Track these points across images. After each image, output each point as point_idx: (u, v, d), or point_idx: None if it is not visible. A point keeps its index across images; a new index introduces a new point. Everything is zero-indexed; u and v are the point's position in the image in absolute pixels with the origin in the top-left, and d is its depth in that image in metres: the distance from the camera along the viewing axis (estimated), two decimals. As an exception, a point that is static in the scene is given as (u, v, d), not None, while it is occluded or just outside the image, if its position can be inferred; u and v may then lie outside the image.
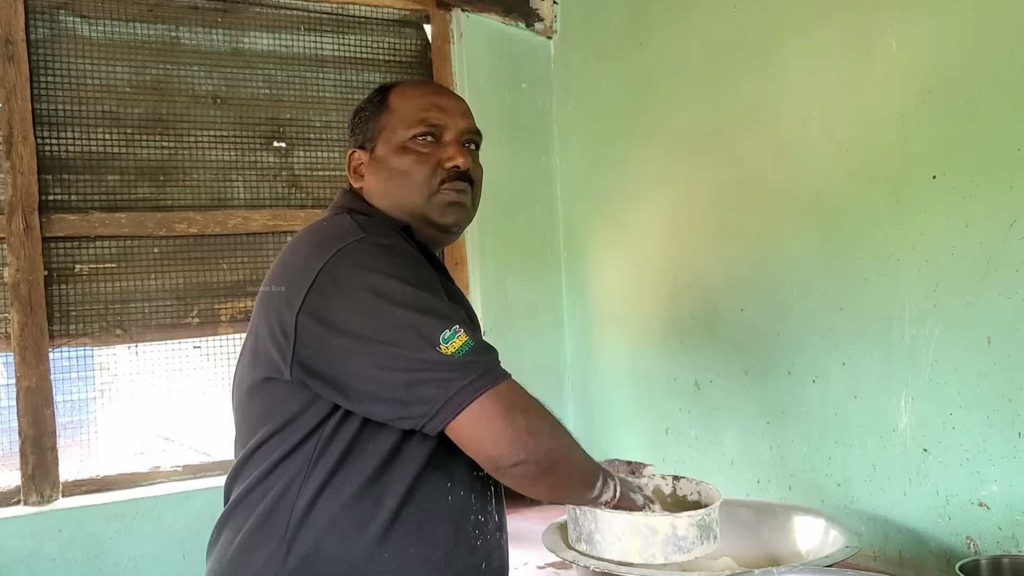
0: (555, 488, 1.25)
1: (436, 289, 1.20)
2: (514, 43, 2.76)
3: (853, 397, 1.81)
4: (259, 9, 2.49)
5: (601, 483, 1.28)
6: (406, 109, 1.37)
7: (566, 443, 1.22)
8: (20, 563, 2.04)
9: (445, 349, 1.12)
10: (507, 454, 1.13)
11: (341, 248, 1.19)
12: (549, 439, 1.18)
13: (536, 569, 1.88)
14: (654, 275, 2.39)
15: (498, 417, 1.12)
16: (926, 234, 1.65)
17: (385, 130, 1.37)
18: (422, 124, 1.35)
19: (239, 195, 2.44)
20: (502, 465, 1.14)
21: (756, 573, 1.26)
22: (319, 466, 1.19)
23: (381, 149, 1.37)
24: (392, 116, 1.37)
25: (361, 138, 1.40)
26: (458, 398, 1.11)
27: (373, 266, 1.18)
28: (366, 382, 1.15)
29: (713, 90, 2.16)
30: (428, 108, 1.36)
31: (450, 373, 1.12)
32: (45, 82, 2.22)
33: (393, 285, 1.16)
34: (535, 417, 1.17)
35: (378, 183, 1.36)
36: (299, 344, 1.18)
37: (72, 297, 2.23)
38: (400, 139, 1.35)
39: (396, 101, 1.38)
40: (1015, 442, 1.51)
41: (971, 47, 1.56)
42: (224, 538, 1.25)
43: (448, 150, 1.35)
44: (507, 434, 1.13)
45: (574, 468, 1.25)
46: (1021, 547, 1.50)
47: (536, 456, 1.15)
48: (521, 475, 1.16)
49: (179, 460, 2.39)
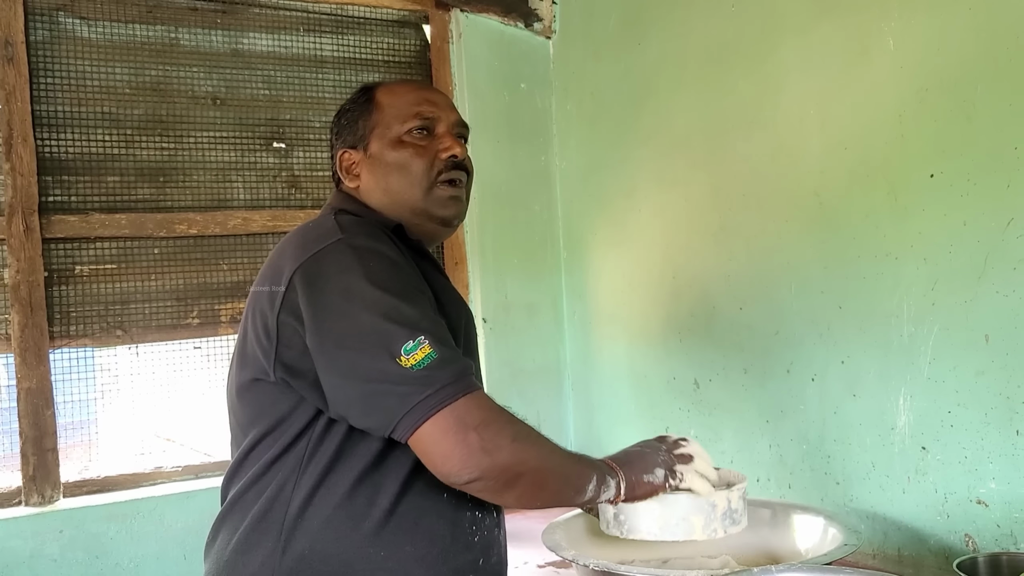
0: (524, 499, 1.22)
1: (410, 295, 1.18)
2: (513, 43, 2.77)
3: (852, 395, 1.81)
4: (258, 10, 2.49)
5: (595, 484, 1.25)
6: (398, 105, 1.38)
7: (534, 455, 1.18)
8: (21, 564, 2.05)
9: (405, 361, 1.10)
10: (458, 472, 1.12)
11: (319, 250, 1.20)
12: (508, 455, 1.14)
13: (536, 568, 1.88)
14: (653, 274, 2.40)
15: (449, 434, 1.10)
16: (924, 232, 1.65)
17: (378, 127, 1.37)
18: (416, 118, 1.36)
19: (239, 196, 2.45)
20: (455, 482, 1.13)
21: (755, 571, 1.26)
22: (311, 467, 1.20)
23: (376, 146, 1.37)
24: (384, 113, 1.37)
25: (351, 138, 1.39)
26: (414, 413, 1.10)
27: (346, 269, 1.17)
28: (332, 388, 1.15)
29: (711, 90, 2.17)
30: (419, 103, 1.38)
31: (407, 387, 1.10)
32: (45, 84, 2.22)
33: (363, 289, 1.15)
34: (493, 433, 1.13)
35: (376, 180, 1.37)
36: (282, 345, 1.19)
37: (72, 298, 2.23)
38: (395, 134, 1.36)
39: (385, 98, 1.39)
40: (1013, 440, 1.52)
41: (968, 46, 1.57)
42: (221, 539, 1.26)
43: (444, 141, 1.37)
44: (457, 452, 1.11)
45: (546, 478, 1.20)
46: (1020, 544, 1.50)
47: (492, 473, 1.13)
48: (479, 490, 1.15)
49: (180, 461, 2.39)
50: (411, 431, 1.11)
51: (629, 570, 1.38)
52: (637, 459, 1.33)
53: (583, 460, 1.28)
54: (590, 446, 2.65)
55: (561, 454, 1.24)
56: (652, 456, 1.34)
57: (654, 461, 1.33)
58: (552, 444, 1.23)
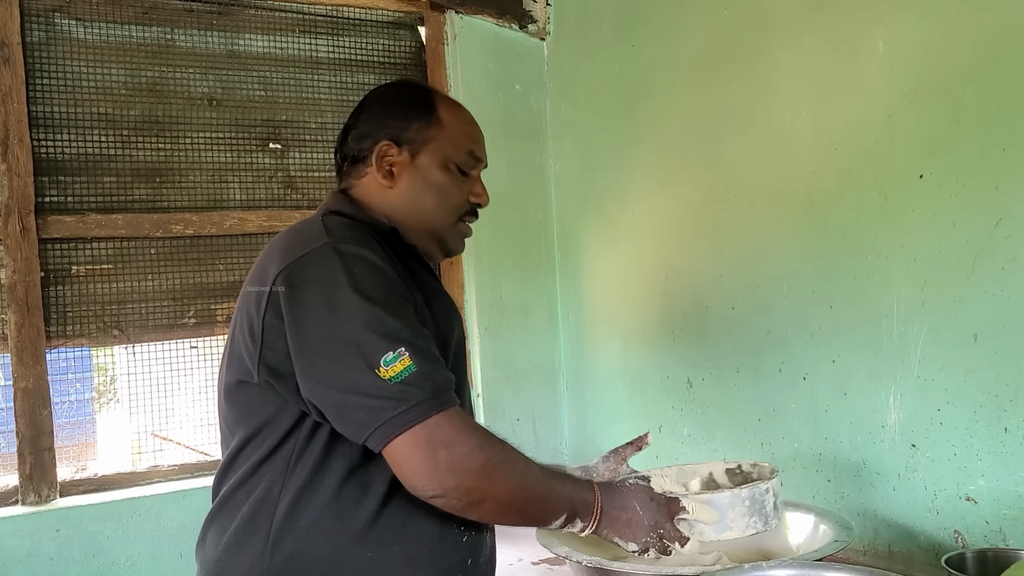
0: (487, 519, 1.22)
1: (394, 304, 1.17)
2: (508, 45, 2.78)
3: (843, 394, 1.83)
4: (254, 11, 2.50)
5: (562, 521, 1.22)
6: (457, 133, 1.37)
7: (501, 483, 1.16)
8: (18, 562, 2.05)
9: (383, 372, 1.10)
10: (422, 487, 1.12)
11: (304, 253, 1.19)
12: (474, 478, 1.13)
13: (530, 565, 1.89)
14: (647, 274, 2.41)
15: (418, 450, 1.10)
16: (914, 233, 1.67)
17: (433, 142, 1.35)
18: (470, 155, 1.38)
19: (235, 196, 2.46)
20: (421, 495, 1.14)
21: (747, 567, 1.27)
22: (298, 469, 1.20)
23: (426, 160, 1.35)
24: (443, 132, 1.36)
25: (398, 134, 1.35)
26: (386, 428, 1.10)
27: (330, 275, 1.16)
28: (309, 393, 1.15)
29: (704, 91, 2.18)
30: (475, 140, 1.40)
31: (381, 400, 1.10)
32: (41, 85, 2.23)
33: (346, 297, 1.14)
34: (462, 455, 1.12)
35: (414, 192, 1.35)
36: (266, 347, 1.19)
37: (69, 298, 2.24)
38: (447, 157, 1.36)
39: (447, 117, 1.38)
40: (1002, 437, 1.53)
41: (957, 48, 1.58)
42: (210, 539, 1.27)
43: (478, 187, 1.40)
44: (423, 469, 1.11)
45: (510, 506, 1.19)
46: (1008, 540, 1.52)
47: (456, 493, 1.13)
48: (442, 506, 1.15)
49: (176, 460, 2.40)
50: (382, 444, 1.12)
51: (622, 567, 1.39)
52: (624, 517, 1.26)
53: (557, 495, 1.23)
54: (584, 445, 2.67)
55: (534, 486, 1.20)
56: (640, 524, 1.26)
57: (642, 530, 1.26)
58: (528, 473, 1.20)
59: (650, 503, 1.28)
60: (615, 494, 1.28)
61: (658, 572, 1.36)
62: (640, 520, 1.26)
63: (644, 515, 1.26)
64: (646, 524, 1.26)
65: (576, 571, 1.51)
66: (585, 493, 1.25)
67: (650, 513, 1.27)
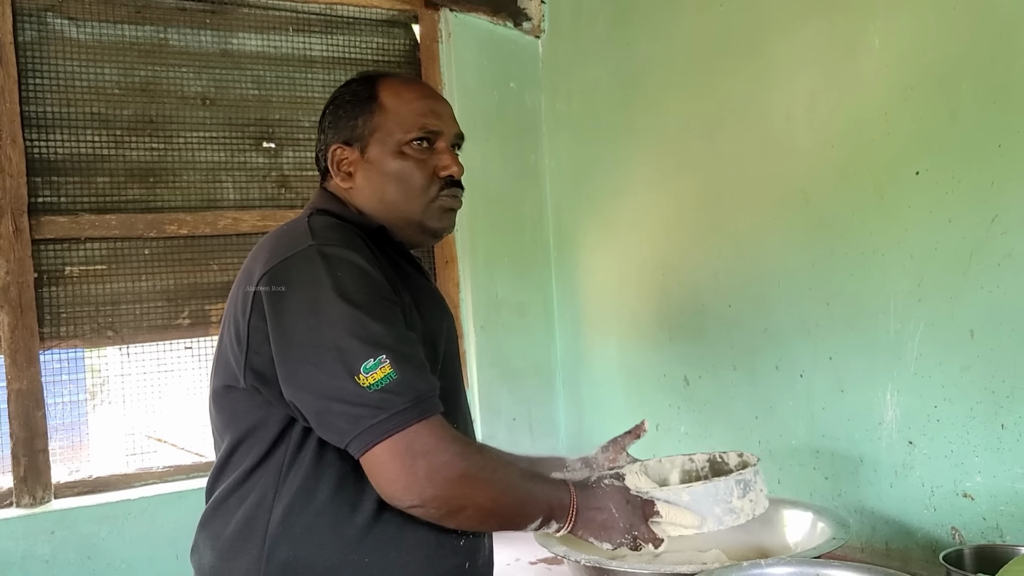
0: (466, 525, 1.22)
1: (377, 308, 1.14)
2: (502, 42, 2.77)
3: (840, 391, 1.83)
4: (247, 10, 2.49)
5: (538, 523, 1.22)
6: (403, 112, 1.32)
7: (480, 493, 1.15)
8: (13, 565, 2.04)
9: (362, 380, 1.08)
10: (400, 496, 1.11)
11: (289, 256, 1.18)
12: (453, 488, 1.12)
13: (528, 564, 1.89)
14: (643, 272, 2.41)
15: (396, 460, 1.09)
16: (910, 229, 1.67)
17: (379, 131, 1.31)
18: (421, 130, 1.32)
19: (229, 196, 2.45)
20: (399, 505, 1.13)
21: (745, 565, 1.27)
22: (291, 475, 1.19)
23: (375, 151, 1.31)
24: (387, 117, 1.31)
25: (347, 134, 1.33)
26: (365, 436, 1.09)
27: (314, 278, 1.14)
28: (291, 397, 1.14)
29: (700, 88, 2.18)
30: (425, 113, 1.33)
31: (361, 408, 1.09)
32: (33, 84, 2.22)
33: (329, 301, 1.12)
34: (441, 464, 1.11)
35: (372, 186, 1.32)
36: (251, 351, 1.17)
37: (62, 299, 2.23)
38: (396, 142, 1.31)
39: (390, 100, 1.33)
40: (998, 433, 1.53)
41: (953, 45, 1.58)
42: (205, 543, 1.25)
43: (444, 158, 1.33)
44: (401, 479, 1.10)
45: (490, 515, 1.18)
46: (1005, 537, 1.52)
47: (435, 503, 1.12)
48: (420, 515, 1.14)
49: (171, 461, 2.39)
50: (361, 452, 1.11)
51: (620, 566, 1.39)
52: (600, 518, 1.26)
53: (535, 499, 1.22)
54: (580, 443, 2.67)
55: (513, 493, 1.20)
56: (615, 527, 1.26)
57: (616, 532, 1.26)
58: (508, 479, 1.19)
59: (626, 505, 1.28)
60: (591, 496, 1.27)
61: (657, 571, 1.36)
62: (615, 522, 1.26)
63: (620, 517, 1.27)
64: (621, 526, 1.26)
65: (574, 570, 1.51)
66: (562, 494, 1.25)
67: (625, 516, 1.27)
